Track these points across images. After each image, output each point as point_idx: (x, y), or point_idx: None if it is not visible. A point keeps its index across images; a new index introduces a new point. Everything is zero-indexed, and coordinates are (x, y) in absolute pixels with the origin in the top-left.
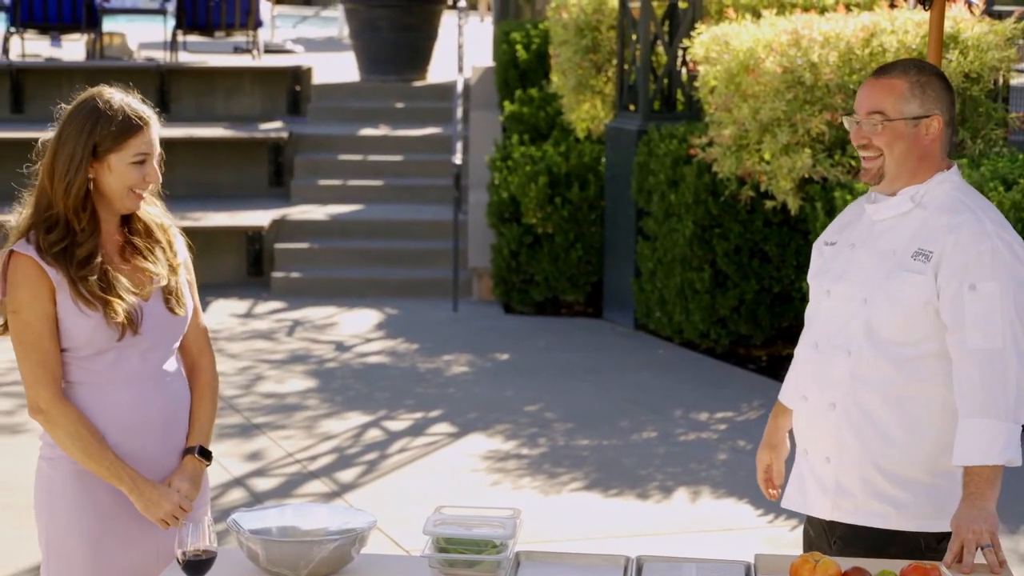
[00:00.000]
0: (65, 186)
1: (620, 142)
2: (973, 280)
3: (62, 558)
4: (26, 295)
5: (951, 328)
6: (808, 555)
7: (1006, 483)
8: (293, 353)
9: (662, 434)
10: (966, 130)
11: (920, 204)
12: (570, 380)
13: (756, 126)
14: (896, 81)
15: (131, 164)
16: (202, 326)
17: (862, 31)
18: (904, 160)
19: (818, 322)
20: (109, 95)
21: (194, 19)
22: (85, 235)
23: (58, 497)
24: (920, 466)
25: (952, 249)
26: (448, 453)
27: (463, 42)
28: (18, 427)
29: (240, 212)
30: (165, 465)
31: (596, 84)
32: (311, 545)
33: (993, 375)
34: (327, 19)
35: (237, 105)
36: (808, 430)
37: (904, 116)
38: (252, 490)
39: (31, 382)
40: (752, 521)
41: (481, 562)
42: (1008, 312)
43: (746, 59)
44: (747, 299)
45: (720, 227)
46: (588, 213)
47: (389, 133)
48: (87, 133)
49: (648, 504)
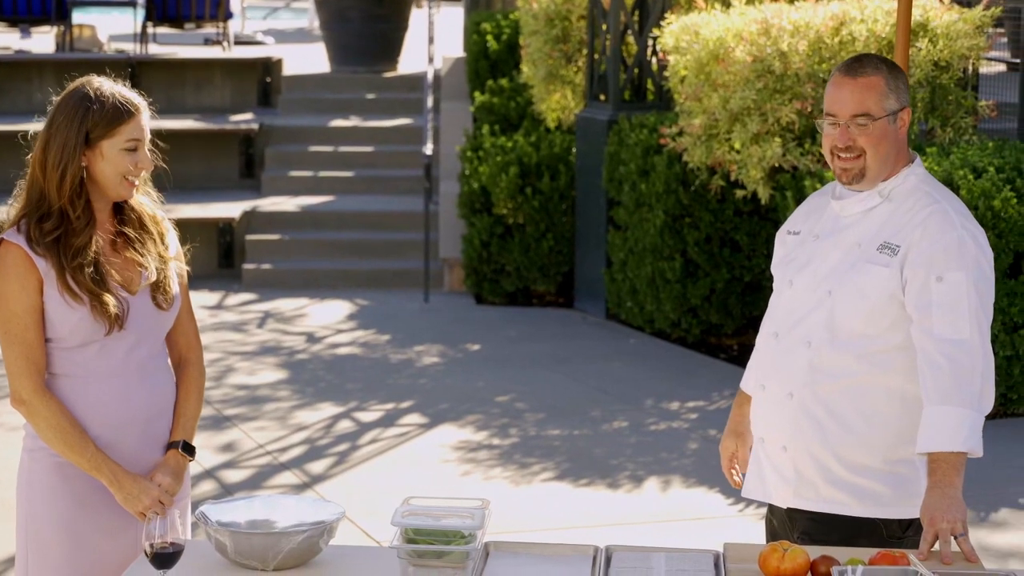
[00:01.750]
0: (60, 175)
1: (591, 132)
2: (940, 271)
3: (40, 549)
4: (14, 285)
5: (917, 318)
6: (777, 544)
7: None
8: (264, 345)
9: (633, 424)
10: (936, 118)
11: (888, 198)
12: (541, 370)
13: (726, 115)
14: (874, 79)
15: (123, 151)
16: (192, 320)
17: (831, 20)
18: (886, 157)
19: (779, 312)
20: (99, 83)
21: (164, 11)
22: (81, 223)
23: (38, 488)
24: (879, 455)
25: (919, 241)
26: (419, 444)
27: (434, 33)
28: None
29: (211, 204)
30: (147, 459)
31: (566, 74)
32: (279, 537)
33: (959, 364)
34: (297, 10)
35: (207, 97)
36: (765, 419)
37: (887, 113)
38: (223, 482)
39: (14, 372)
40: (723, 510)
41: (450, 553)
42: (973, 303)
43: (716, 49)
44: (718, 288)
45: (691, 216)
46: (559, 203)
47: (360, 124)
48: (79, 120)
49: (619, 494)
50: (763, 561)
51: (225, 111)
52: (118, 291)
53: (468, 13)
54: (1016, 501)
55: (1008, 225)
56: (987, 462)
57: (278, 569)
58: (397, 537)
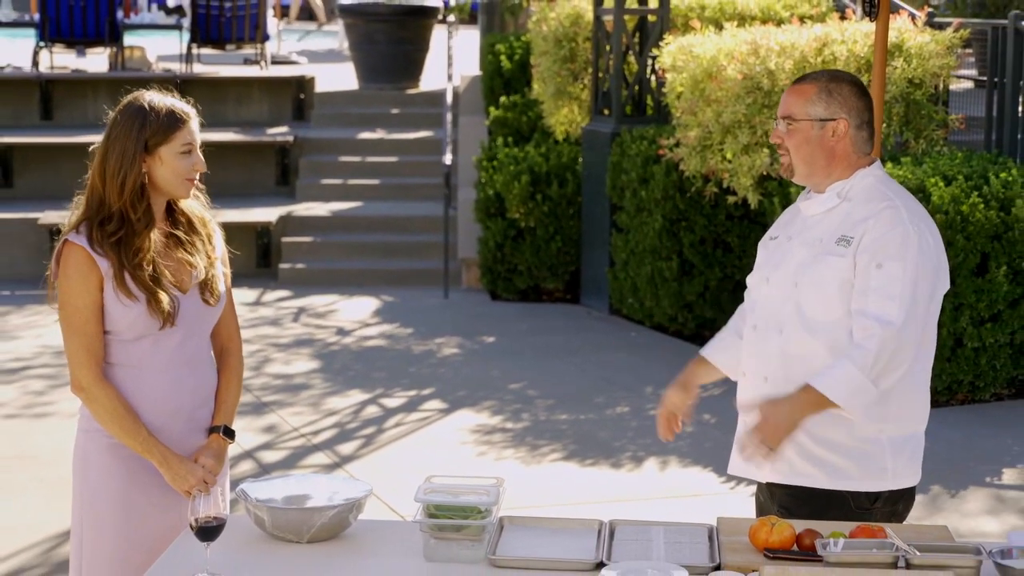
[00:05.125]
0: (120, 182)
1: (595, 144)
2: (881, 260)
3: (95, 522)
4: (77, 282)
5: (856, 298)
6: (765, 518)
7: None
8: (298, 337)
9: (634, 409)
10: (910, 131)
11: (846, 198)
12: (550, 360)
13: (719, 128)
14: (806, 87)
15: (180, 154)
16: (234, 315)
17: (815, 41)
18: (811, 159)
19: (757, 306)
20: (150, 96)
21: (207, 33)
22: (141, 225)
23: (93, 466)
24: (844, 431)
25: (869, 232)
26: (439, 427)
27: (452, 54)
28: (50, 407)
29: (250, 209)
30: (192, 442)
31: (573, 91)
32: (312, 512)
33: (874, 339)
34: (328, 33)
35: (247, 111)
36: (746, 402)
37: (810, 118)
38: (261, 462)
39: (76, 362)
40: (716, 488)
41: (467, 527)
42: (907, 292)
43: (709, 67)
44: (711, 286)
45: (686, 220)
46: (566, 208)
47: (385, 136)
48: (137, 130)
49: (621, 473)
50: (753, 534)
51: (263, 124)
52: (171, 289)
53: (483, 35)
54: (983, 480)
55: (975, 228)
56: (956, 444)
57: (312, 541)
58: (420, 512)
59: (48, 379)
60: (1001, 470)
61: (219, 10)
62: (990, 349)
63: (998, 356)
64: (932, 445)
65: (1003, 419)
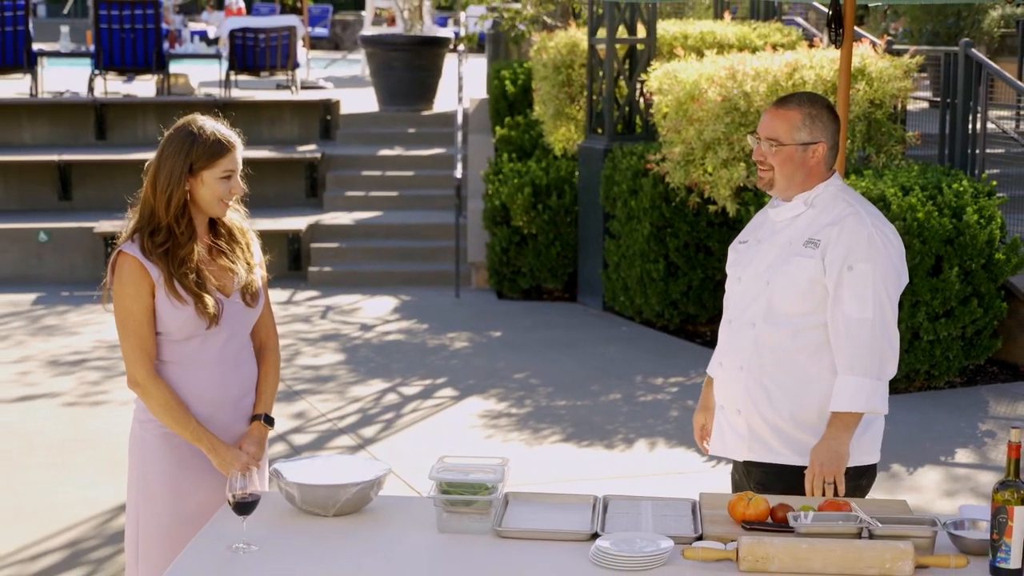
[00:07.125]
0: (167, 197)
1: (590, 159)
2: (851, 262)
3: (150, 501)
4: (131, 289)
5: (832, 300)
6: (743, 494)
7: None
8: (326, 333)
9: (625, 396)
10: (872, 146)
11: (811, 205)
12: (551, 352)
13: (700, 144)
14: (792, 112)
15: (220, 179)
16: (271, 314)
17: (787, 66)
18: (792, 176)
19: (731, 303)
20: (201, 122)
21: (243, 62)
22: (185, 238)
23: (148, 452)
24: (814, 413)
25: (837, 237)
26: (451, 413)
27: (462, 79)
28: (105, 396)
29: (282, 218)
30: (236, 430)
31: (570, 112)
32: (338, 489)
33: (862, 340)
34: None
35: (279, 131)
36: (723, 389)
37: (796, 143)
38: (292, 444)
39: (131, 360)
40: (698, 466)
41: (476, 502)
42: (879, 288)
43: (692, 90)
44: (694, 285)
45: (672, 227)
46: (565, 217)
47: (403, 153)
48: (184, 153)
49: (614, 453)
50: (731, 507)
51: (293, 143)
52: (215, 293)
53: (490, 62)
54: (938, 459)
55: (930, 233)
56: (913, 427)
57: (337, 515)
58: (433, 489)
59: (103, 371)
60: (954, 450)
61: (254, 41)
62: (944, 341)
63: (951, 348)
64: (892, 428)
65: (956, 404)
